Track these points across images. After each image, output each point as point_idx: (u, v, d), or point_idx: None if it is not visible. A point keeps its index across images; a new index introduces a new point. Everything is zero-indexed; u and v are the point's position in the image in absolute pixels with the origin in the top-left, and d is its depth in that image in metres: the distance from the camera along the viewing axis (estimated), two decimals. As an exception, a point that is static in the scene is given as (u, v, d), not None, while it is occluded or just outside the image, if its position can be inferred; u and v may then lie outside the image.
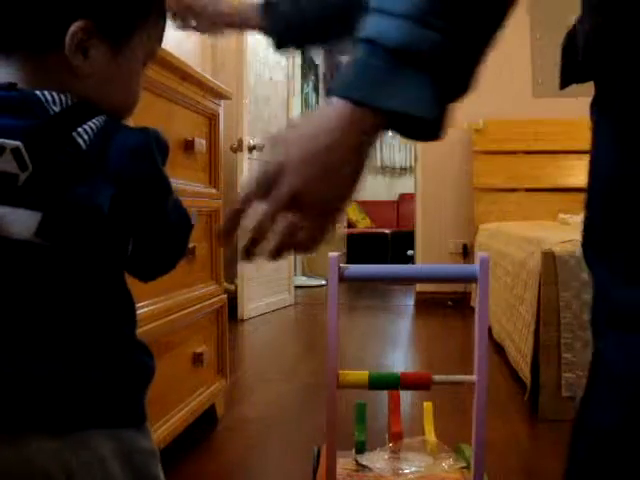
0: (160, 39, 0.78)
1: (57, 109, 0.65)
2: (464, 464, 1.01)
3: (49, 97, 0.65)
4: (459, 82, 0.60)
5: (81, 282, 0.65)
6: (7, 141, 0.61)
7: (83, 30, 0.66)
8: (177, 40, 3.30)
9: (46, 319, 0.63)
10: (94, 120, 0.66)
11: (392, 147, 8.68)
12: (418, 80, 0.56)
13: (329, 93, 0.59)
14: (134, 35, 0.72)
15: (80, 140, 0.64)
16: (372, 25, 0.57)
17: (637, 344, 0.53)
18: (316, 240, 0.63)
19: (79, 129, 0.64)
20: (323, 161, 0.59)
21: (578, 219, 0.70)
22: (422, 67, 0.56)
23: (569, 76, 0.65)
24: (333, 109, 0.58)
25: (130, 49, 0.71)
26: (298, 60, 5.03)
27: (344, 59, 0.60)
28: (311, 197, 0.60)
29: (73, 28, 0.65)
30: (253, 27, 1.04)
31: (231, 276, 3.90)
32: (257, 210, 0.61)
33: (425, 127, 0.59)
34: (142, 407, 0.70)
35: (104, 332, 0.66)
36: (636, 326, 0.53)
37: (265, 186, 0.60)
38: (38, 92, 0.65)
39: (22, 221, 0.61)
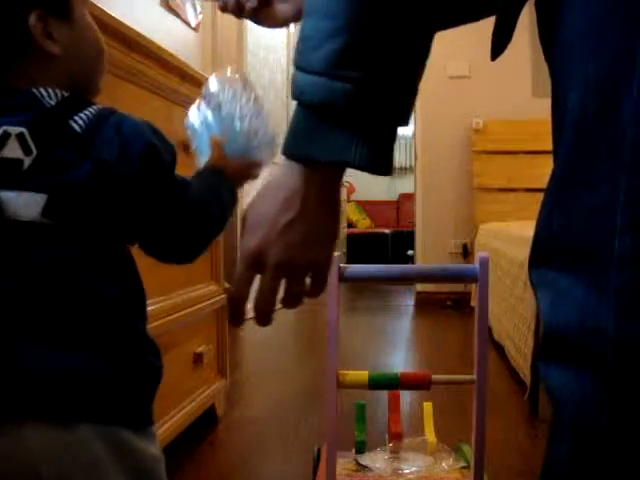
0: None
1: (53, 102, 0.71)
2: (464, 464, 1.01)
3: (44, 93, 0.71)
4: (389, 122, 0.60)
5: (91, 264, 0.67)
6: (12, 127, 0.66)
7: (39, 17, 0.72)
8: (177, 40, 3.31)
9: (55, 303, 0.64)
10: (89, 109, 0.72)
11: (392, 147, 8.68)
12: (343, 133, 0.57)
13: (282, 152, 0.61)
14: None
15: (76, 126, 0.70)
16: (296, 83, 0.58)
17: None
18: (320, 291, 0.66)
19: (75, 117, 0.70)
20: (296, 229, 0.60)
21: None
22: (341, 120, 0.57)
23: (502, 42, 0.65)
24: (284, 173, 0.60)
25: (77, 11, 0.77)
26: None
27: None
28: (297, 263, 0.62)
29: (31, 21, 0.72)
30: None
31: (231, 276, 3.90)
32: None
33: (369, 168, 0.60)
34: (146, 409, 0.71)
35: (118, 325, 0.68)
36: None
37: (253, 268, 0.63)
38: (34, 90, 0.71)
39: (29, 203, 0.66)
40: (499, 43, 0.65)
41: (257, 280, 0.64)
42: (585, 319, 0.48)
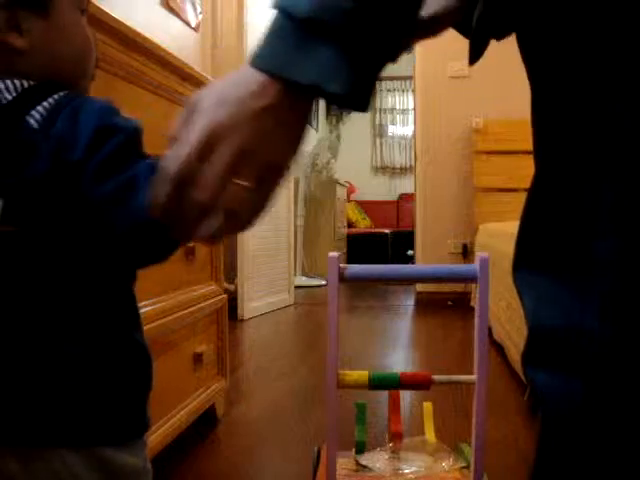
0: None
1: (10, 96, 0.64)
2: (464, 464, 1.01)
3: (2, 85, 0.64)
4: (378, 51, 0.54)
5: (64, 272, 0.63)
6: None
7: (3, 6, 0.66)
8: (177, 40, 3.31)
9: (30, 315, 0.61)
10: (50, 99, 0.65)
11: (392, 147, 8.69)
12: (328, 52, 0.52)
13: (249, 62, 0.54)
14: None
15: (32, 121, 0.63)
16: None
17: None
18: (261, 209, 0.57)
19: (32, 111, 0.63)
20: (268, 118, 0.53)
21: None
22: (330, 38, 0.51)
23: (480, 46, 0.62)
24: (254, 79, 0.53)
25: (57, 6, 0.70)
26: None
27: None
28: (257, 154, 0.54)
29: None
30: None
31: (231, 276, 3.90)
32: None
33: (346, 98, 0.54)
34: (130, 422, 0.67)
35: (99, 337, 0.64)
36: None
37: (206, 149, 0.53)
38: None
39: None
40: (475, 51, 0.64)
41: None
42: (570, 320, 0.48)
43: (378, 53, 0.54)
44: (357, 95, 0.54)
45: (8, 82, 0.65)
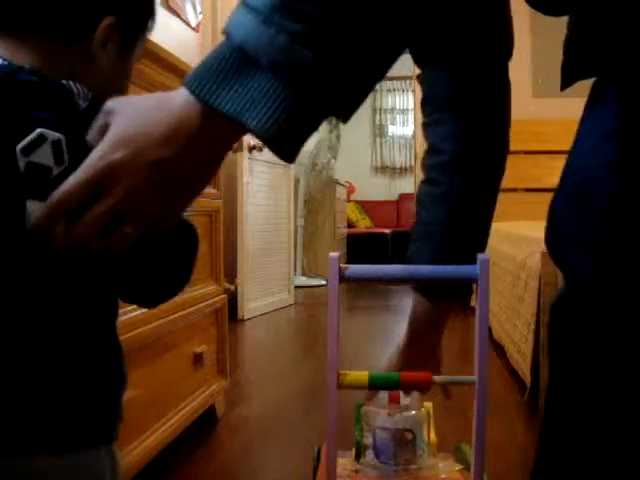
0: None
1: (83, 103, 0.63)
2: (464, 464, 1.01)
3: (75, 90, 0.63)
4: (317, 98, 0.50)
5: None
6: (49, 132, 0.56)
7: (111, 26, 0.67)
8: (178, 40, 3.31)
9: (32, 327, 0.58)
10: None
11: (392, 147, 8.69)
12: (259, 85, 0.48)
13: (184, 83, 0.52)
14: (141, 34, 0.74)
15: None
16: (233, 17, 0.51)
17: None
18: (129, 242, 0.55)
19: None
20: (171, 167, 0.52)
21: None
22: (269, 71, 0.48)
23: (570, 75, 0.63)
24: (181, 106, 0.51)
25: (134, 46, 0.73)
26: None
27: None
28: (147, 205, 0.52)
29: (106, 22, 0.67)
30: None
31: (231, 276, 3.90)
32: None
33: (267, 139, 0.50)
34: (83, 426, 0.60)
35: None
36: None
37: (97, 183, 0.51)
38: (65, 83, 0.63)
39: None
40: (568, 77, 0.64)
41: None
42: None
43: (321, 99, 0.50)
44: (282, 138, 0.50)
45: (79, 87, 0.64)
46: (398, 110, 8.76)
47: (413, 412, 0.98)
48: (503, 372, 2.66)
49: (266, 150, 4.19)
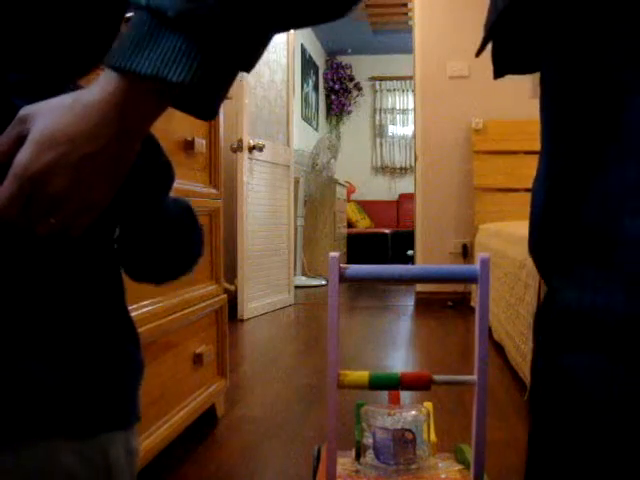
0: None
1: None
2: (464, 464, 1.01)
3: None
4: (227, 50, 0.52)
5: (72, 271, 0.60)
6: None
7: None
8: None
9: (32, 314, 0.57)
10: None
11: (392, 147, 8.69)
12: (174, 41, 0.50)
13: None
14: None
15: None
16: None
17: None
18: (66, 230, 0.56)
19: None
20: (95, 165, 0.52)
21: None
22: (177, 27, 0.50)
23: (504, 63, 0.61)
24: (100, 89, 0.52)
25: None
26: (298, 60, 5.03)
27: None
28: (78, 202, 0.53)
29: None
30: None
31: (231, 276, 3.90)
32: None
33: (196, 100, 0.52)
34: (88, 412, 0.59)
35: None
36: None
37: (25, 188, 0.52)
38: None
39: None
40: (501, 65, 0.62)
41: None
42: (596, 299, 0.47)
43: (230, 51, 0.52)
44: (202, 87, 0.51)
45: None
46: (398, 110, 8.76)
47: (413, 412, 0.98)
48: (503, 372, 2.66)
49: (266, 150, 4.19)
